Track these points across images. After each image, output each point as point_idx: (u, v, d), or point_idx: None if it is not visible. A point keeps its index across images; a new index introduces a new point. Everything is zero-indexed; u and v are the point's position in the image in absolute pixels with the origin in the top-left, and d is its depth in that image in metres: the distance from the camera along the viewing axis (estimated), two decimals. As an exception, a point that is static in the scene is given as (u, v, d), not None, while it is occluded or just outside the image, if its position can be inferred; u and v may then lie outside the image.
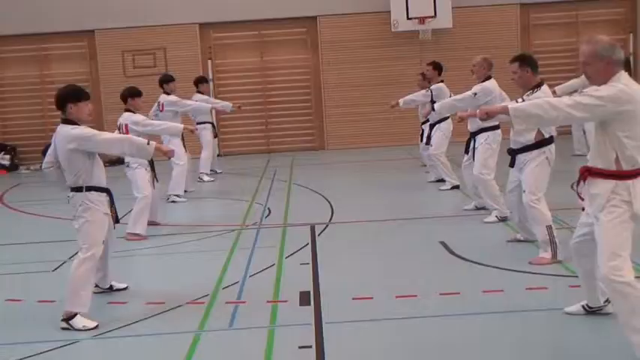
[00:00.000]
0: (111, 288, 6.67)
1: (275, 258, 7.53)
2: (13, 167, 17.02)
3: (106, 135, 5.93)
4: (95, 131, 5.91)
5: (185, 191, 11.99)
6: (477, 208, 9.20)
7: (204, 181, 13.38)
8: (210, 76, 17.26)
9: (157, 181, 9.31)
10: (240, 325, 5.64)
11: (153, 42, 17.09)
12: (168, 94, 11.79)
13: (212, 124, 14.06)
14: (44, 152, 8.93)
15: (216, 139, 14.68)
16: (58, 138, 5.99)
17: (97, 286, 6.59)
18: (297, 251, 7.78)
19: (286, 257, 7.58)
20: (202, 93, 13.91)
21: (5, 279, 7.51)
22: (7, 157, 17.00)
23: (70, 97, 5.92)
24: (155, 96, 13.48)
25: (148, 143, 6.00)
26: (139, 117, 9.06)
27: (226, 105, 14.62)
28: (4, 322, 6.07)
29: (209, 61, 17.30)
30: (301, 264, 7.28)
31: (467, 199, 9.74)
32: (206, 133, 13.82)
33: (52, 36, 17.10)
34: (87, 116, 6.01)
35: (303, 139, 17.56)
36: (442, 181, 11.16)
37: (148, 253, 8.36)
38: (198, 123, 13.75)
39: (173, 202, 11.30)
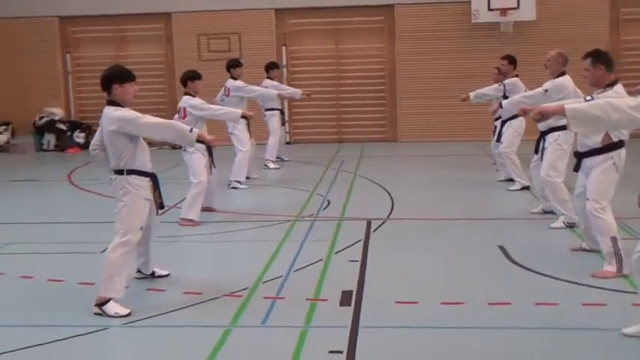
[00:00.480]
0: (153, 274, 6.53)
1: (324, 253, 7.26)
2: (87, 146, 17.22)
3: (149, 119, 5.75)
4: (138, 114, 5.74)
5: (248, 178, 11.84)
6: (545, 212, 8.70)
7: (269, 168, 13.22)
8: (284, 63, 17.10)
9: (215, 166, 9.16)
10: (273, 323, 5.40)
11: (228, 26, 17.01)
12: (235, 78, 11.64)
13: (281, 110, 13.88)
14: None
15: (285, 127, 14.49)
16: (103, 120, 5.87)
17: (139, 271, 6.50)
18: (348, 247, 7.49)
19: (336, 253, 7.30)
20: (272, 79, 13.72)
21: (52, 258, 7.48)
22: (82, 135, 17.24)
23: (115, 78, 5.78)
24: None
25: (191, 130, 5.81)
26: (197, 101, 8.93)
27: (296, 92, 14.41)
28: (40, 303, 6.00)
29: (283, 48, 17.11)
30: (350, 261, 6.99)
31: (535, 201, 9.22)
32: (274, 120, 13.66)
33: (129, 17, 17.23)
34: (132, 98, 5.85)
35: (374, 130, 17.20)
36: (512, 180, 10.65)
37: (197, 240, 8.23)
38: (266, 110, 13.64)
39: (234, 188, 11.16)
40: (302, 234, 8.14)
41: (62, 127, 17.15)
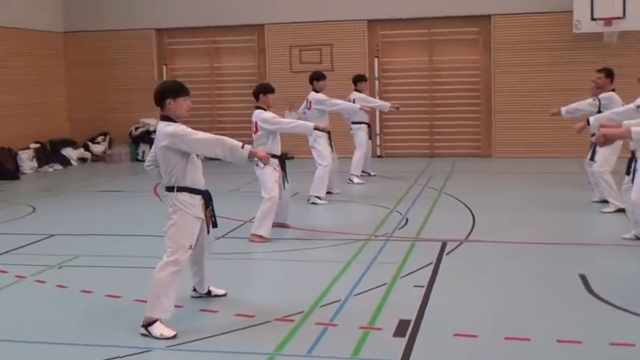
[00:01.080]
0: (209, 294, 6.36)
1: (390, 276, 6.91)
2: (180, 156, 17.43)
3: (200, 135, 5.59)
4: (190, 130, 5.59)
5: (330, 192, 11.62)
6: (638, 239, 8.05)
7: (353, 183, 12.94)
8: (376, 75, 16.82)
9: (288, 181, 8.97)
10: (319, 352, 5.10)
11: (320, 38, 16.87)
12: (317, 91, 11.43)
13: (368, 124, 13.58)
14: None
15: (372, 141, 14.17)
16: (156, 135, 5.74)
17: (194, 290, 6.34)
18: (416, 270, 7.11)
19: (402, 277, 6.94)
20: (360, 91, 13.46)
21: (117, 272, 7.46)
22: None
23: (169, 92, 5.64)
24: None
25: (243, 146, 5.60)
26: (268, 114, 8.75)
27: (384, 105, 14.11)
28: (91, 320, 5.93)
29: (375, 59, 16.81)
30: (415, 286, 6.61)
31: (629, 225, 8.55)
32: (360, 134, 13.38)
33: (223, 29, 17.36)
34: (185, 112, 5.71)
35: (468, 145, 16.63)
36: (606, 202, 9.96)
37: (263, 258, 8.03)
38: (353, 123, 13.39)
39: (313, 203, 10.94)
40: (372, 254, 7.81)
41: (156, 137, 17.40)
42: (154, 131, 17.22)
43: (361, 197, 11.79)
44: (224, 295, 6.41)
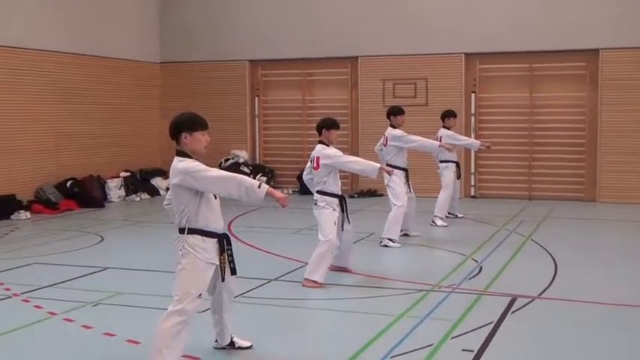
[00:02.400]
0: (233, 345, 5.82)
1: (439, 336, 6.15)
2: (268, 189, 17.10)
3: (213, 172, 5.07)
4: (203, 166, 5.08)
5: (406, 235, 10.93)
6: None
7: (436, 225, 12.15)
8: (473, 111, 15.99)
9: (349, 222, 8.35)
10: None
11: (415, 71, 16.22)
12: (394, 127, 10.77)
13: (456, 163, 12.78)
14: (298, 177, 8.45)
15: (461, 180, 13.35)
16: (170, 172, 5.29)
17: (216, 341, 5.82)
18: (471, 331, 6.30)
19: (453, 337, 6.16)
20: (448, 128, 12.72)
21: (147, 313, 6.96)
22: (264, 179, 17.15)
23: (185, 126, 5.17)
24: (412, 128, 12.62)
25: (259, 186, 5.04)
26: (331, 150, 8.17)
27: (473, 143, 13.30)
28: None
29: (472, 94, 15.98)
30: (463, 350, 5.82)
31: None
32: (447, 173, 12.61)
33: (316, 61, 17.01)
34: (203, 148, 5.21)
35: (570, 188, 15.46)
36: None
37: (309, 305, 7.43)
38: (440, 161, 12.65)
39: (385, 246, 10.26)
40: (428, 308, 7.06)
41: (246, 170, 17.18)
42: (244, 163, 17.22)
43: (439, 241, 10.99)
44: (249, 347, 5.85)
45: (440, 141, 12.08)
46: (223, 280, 5.31)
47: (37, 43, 14.46)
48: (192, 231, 5.10)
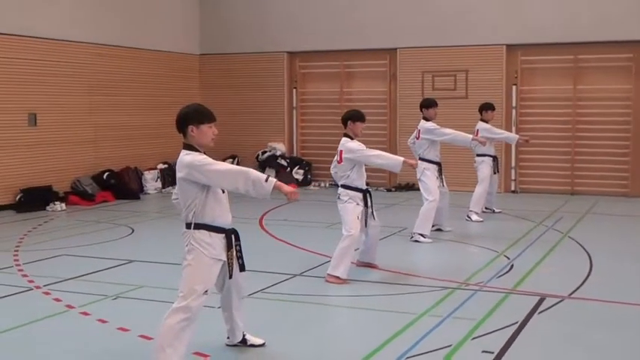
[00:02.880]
0: (245, 342, 5.69)
1: (460, 336, 5.93)
2: (305, 182, 17.03)
3: (219, 166, 4.92)
4: (209, 160, 4.93)
5: (439, 230, 10.71)
6: None
7: (471, 220, 11.87)
8: (514, 104, 15.61)
9: (374, 217, 8.15)
10: None
11: (455, 63, 15.90)
12: (427, 119, 10.53)
13: (493, 157, 12.47)
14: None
15: (498, 175, 13.01)
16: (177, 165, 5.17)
17: (228, 337, 5.70)
18: (494, 332, 6.07)
19: (473, 338, 5.93)
20: (486, 121, 12.41)
21: (166, 308, 6.92)
22: (301, 171, 17.05)
23: (191, 119, 5.04)
24: (451, 121, 12.43)
25: (267, 180, 4.88)
26: (354, 144, 7.98)
27: (511, 137, 12.99)
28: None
29: (514, 87, 15.59)
30: (483, 351, 5.60)
31: None
32: (483, 167, 12.32)
33: (355, 53, 16.80)
34: (210, 141, 5.07)
35: (614, 183, 15.00)
36: None
37: (330, 302, 7.25)
38: (477, 155, 12.38)
39: (416, 241, 10.05)
40: (452, 306, 6.85)
41: (283, 162, 17.09)
42: (281, 156, 17.11)
43: (472, 237, 10.73)
44: (262, 345, 5.72)
45: (477, 134, 11.82)
46: (231, 277, 5.17)
47: (75, 35, 14.55)
48: (199, 226, 4.97)
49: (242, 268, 5.25)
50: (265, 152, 17.27)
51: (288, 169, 17.05)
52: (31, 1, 13.64)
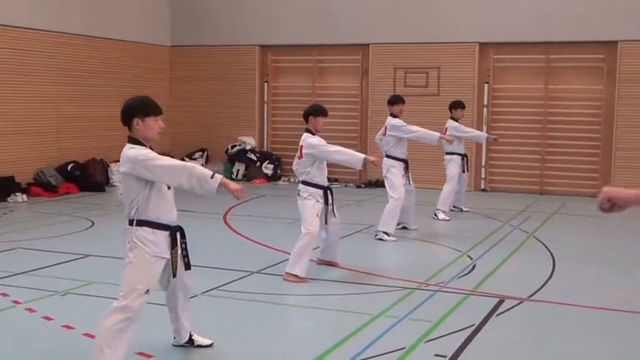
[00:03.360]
0: (192, 343, 5.52)
1: (413, 339, 5.80)
2: (275, 177, 16.85)
3: (164, 161, 4.74)
4: (153, 154, 4.75)
5: (405, 228, 10.59)
6: None
7: (438, 218, 11.76)
8: (485, 102, 15.53)
9: (335, 215, 8.01)
10: None
11: (427, 60, 15.79)
12: (394, 116, 10.39)
13: (462, 155, 12.36)
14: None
15: (467, 174, 12.90)
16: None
17: (174, 337, 5.52)
18: (449, 334, 5.94)
19: (427, 341, 5.80)
20: (456, 119, 12.29)
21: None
22: (271, 166, 16.88)
23: (137, 111, 4.85)
24: (422, 118, 12.29)
25: (212, 176, 4.70)
26: (314, 139, 7.83)
27: (480, 136, 12.92)
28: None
29: (485, 85, 15.51)
30: (436, 355, 5.47)
31: None
32: (452, 166, 12.21)
33: (327, 48, 16.63)
34: (156, 135, 4.89)
35: (583, 183, 14.95)
36: None
37: (285, 301, 7.09)
38: (446, 153, 12.26)
39: (380, 239, 9.92)
40: (410, 307, 6.71)
41: (252, 157, 16.90)
42: (251, 150, 16.90)
43: (437, 236, 10.62)
44: (209, 345, 5.55)
45: (445, 132, 11.70)
46: (175, 275, 5.00)
47: (41, 23, 14.25)
48: (142, 223, 4.79)
49: (188, 267, 5.09)
50: (235, 146, 17.07)
51: (258, 163, 16.87)
52: (-6, -13, 13.34)
